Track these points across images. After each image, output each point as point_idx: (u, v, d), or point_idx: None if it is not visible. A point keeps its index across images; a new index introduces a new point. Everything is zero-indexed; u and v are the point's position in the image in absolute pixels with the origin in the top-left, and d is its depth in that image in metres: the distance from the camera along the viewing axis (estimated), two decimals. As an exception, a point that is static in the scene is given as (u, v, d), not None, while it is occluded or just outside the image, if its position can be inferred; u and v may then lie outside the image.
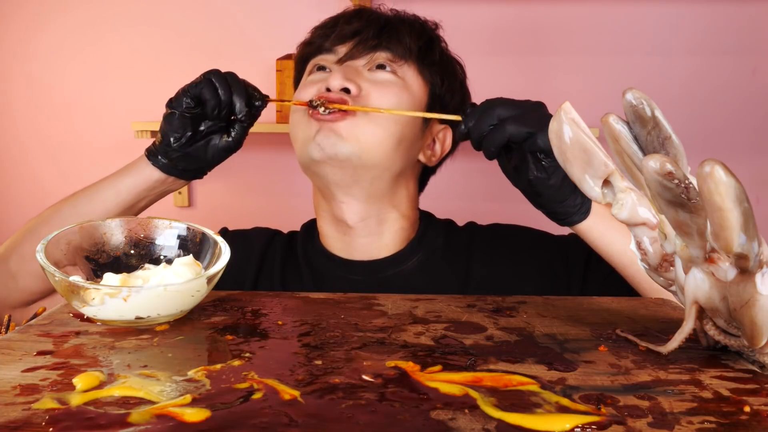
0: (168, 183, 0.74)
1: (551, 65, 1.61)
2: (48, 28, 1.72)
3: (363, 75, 0.77)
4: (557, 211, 0.66)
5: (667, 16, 1.58)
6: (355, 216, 0.78)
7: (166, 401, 0.35)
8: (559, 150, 0.46)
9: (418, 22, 0.83)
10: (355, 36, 0.78)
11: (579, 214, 0.66)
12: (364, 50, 0.78)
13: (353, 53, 0.78)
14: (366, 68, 0.77)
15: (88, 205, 0.74)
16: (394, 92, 0.76)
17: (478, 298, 0.57)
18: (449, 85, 0.82)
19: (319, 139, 0.73)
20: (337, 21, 0.81)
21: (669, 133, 0.43)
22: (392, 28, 0.79)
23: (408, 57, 0.78)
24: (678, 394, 0.36)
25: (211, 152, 0.73)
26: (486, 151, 0.64)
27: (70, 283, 0.49)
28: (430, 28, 0.84)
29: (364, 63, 0.78)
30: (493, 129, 0.62)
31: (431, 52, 0.81)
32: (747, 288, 0.36)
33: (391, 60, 0.78)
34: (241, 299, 0.56)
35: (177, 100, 0.71)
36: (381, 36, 0.78)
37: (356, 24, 0.79)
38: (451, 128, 0.85)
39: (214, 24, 1.69)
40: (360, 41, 0.78)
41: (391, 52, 0.78)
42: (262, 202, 1.72)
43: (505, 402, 0.35)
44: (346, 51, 0.78)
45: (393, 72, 0.78)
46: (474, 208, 1.49)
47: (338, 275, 0.80)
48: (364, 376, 0.38)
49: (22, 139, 1.77)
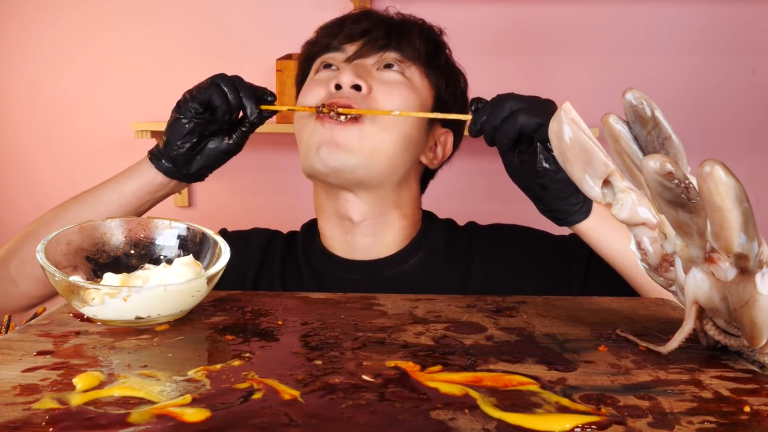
0: (171, 186, 0.74)
1: (551, 65, 1.61)
2: (48, 28, 1.72)
3: (372, 74, 0.77)
4: (558, 209, 0.65)
5: (667, 16, 1.58)
6: (359, 213, 0.78)
7: (166, 401, 0.35)
8: (559, 150, 0.46)
9: (425, 26, 0.83)
10: (364, 35, 0.78)
11: (579, 214, 0.66)
12: (374, 49, 0.78)
13: (362, 52, 0.78)
14: (374, 67, 0.78)
15: (90, 208, 0.73)
16: (402, 92, 0.76)
17: (478, 298, 0.57)
18: (453, 90, 0.83)
19: (323, 155, 0.72)
20: (344, 21, 0.81)
21: (669, 133, 0.43)
22: (401, 29, 0.80)
23: (416, 59, 0.79)
24: (678, 394, 0.36)
25: (213, 155, 0.73)
26: (499, 144, 0.64)
27: (70, 283, 0.49)
28: (436, 33, 0.84)
29: (373, 62, 0.78)
30: (505, 120, 0.62)
31: (437, 57, 0.82)
32: (747, 288, 0.36)
33: (400, 60, 0.78)
34: (241, 299, 0.56)
35: (185, 105, 0.70)
36: (390, 36, 0.78)
37: (365, 24, 0.79)
38: (453, 132, 0.85)
39: (214, 24, 1.69)
40: (369, 40, 0.78)
41: (400, 53, 0.78)
42: (262, 202, 1.72)
43: (505, 402, 0.35)
44: (356, 50, 0.78)
45: (401, 72, 0.78)
46: (474, 208, 1.49)
47: (339, 275, 0.80)
48: (364, 376, 0.38)
49: (21, 139, 1.77)
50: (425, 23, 0.84)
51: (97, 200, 0.74)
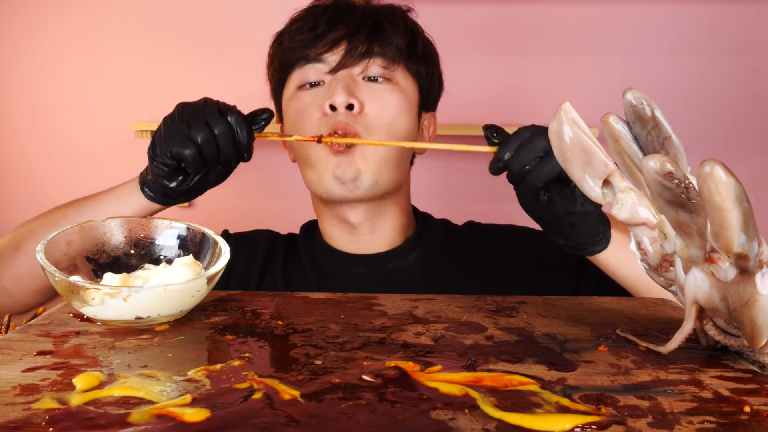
0: (162, 208, 0.71)
1: (551, 65, 1.61)
2: (48, 28, 1.72)
3: (360, 84, 0.76)
4: (581, 242, 0.62)
5: (668, 16, 1.58)
6: (359, 217, 0.80)
7: (166, 401, 0.35)
8: (559, 150, 0.46)
9: (399, 15, 0.81)
10: (342, 41, 0.76)
11: (600, 244, 0.63)
12: (357, 57, 0.76)
13: (345, 62, 0.76)
14: (360, 76, 0.77)
15: None
16: (392, 102, 0.76)
17: (478, 298, 0.58)
18: (431, 72, 0.83)
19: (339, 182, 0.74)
20: (315, 23, 0.77)
21: (669, 133, 0.43)
22: (379, 29, 0.77)
23: (399, 58, 0.78)
24: (678, 394, 0.36)
25: (203, 186, 0.68)
26: (530, 185, 0.57)
27: (70, 283, 0.49)
28: (409, 19, 0.82)
29: (358, 71, 0.76)
30: (540, 161, 0.56)
31: (416, 46, 0.80)
32: (747, 288, 0.36)
33: (385, 66, 0.77)
34: (241, 299, 0.56)
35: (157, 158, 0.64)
36: (371, 39, 0.76)
37: (341, 28, 0.76)
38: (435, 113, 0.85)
39: (214, 24, 1.69)
40: (351, 49, 0.76)
41: (384, 58, 0.77)
42: (262, 202, 1.72)
43: (505, 402, 0.35)
44: (339, 60, 0.76)
45: (387, 79, 0.77)
46: (469, 208, 1.48)
47: (341, 269, 0.82)
48: (364, 376, 0.38)
49: (21, 139, 1.77)
50: (397, 10, 0.81)
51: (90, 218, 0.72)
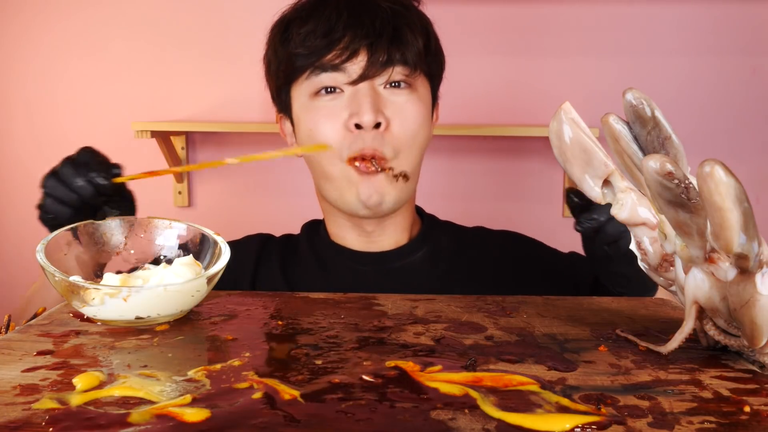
0: None
1: (551, 65, 1.61)
2: (48, 28, 1.72)
3: (383, 97, 0.73)
4: None
5: (667, 16, 1.58)
6: (374, 225, 0.80)
7: (166, 401, 0.35)
8: (559, 150, 0.46)
9: (415, 15, 0.78)
10: (362, 49, 0.72)
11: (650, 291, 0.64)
12: (380, 67, 0.72)
13: (368, 73, 0.72)
14: (382, 86, 0.74)
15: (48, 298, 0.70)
16: (414, 115, 0.74)
17: (478, 298, 0.58)
18: (441, 70, 0.82)
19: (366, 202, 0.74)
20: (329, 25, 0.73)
21: (669, 133, 0.43)
22: (400, 33, 0.74)
23: (420, 64, 0.75)
24: (678, 394, 0.36)
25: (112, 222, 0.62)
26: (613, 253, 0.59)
27: (70, 283, 0.49)
28: (422, 13, 0.79)
29: (380, 82, 0.73)
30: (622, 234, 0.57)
31: (431, 47, 0.78)
32: (747, 288, 0.36)
33: (407, 75, 0.74)
34: (241, 299, 0.56)
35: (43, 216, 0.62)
36: (392, 45, 0.73)
37: (361, 35, 0.72)
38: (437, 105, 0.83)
39: (214, 25, 1.69)
40: (372, 57, 0.72)
41: (405, 64, 0.74)
42: (262, 202, 1.72)
43: (505, 402, 0.35)
44: (360, 72, 0.72)
45: (409, 85, 0.75)
46: (474, 208, 1.49)
47: (346, 265, 0.81)
48: (364, 376, 0.38)
49: (21, 139, 1.77)
50: (411, 7, 0.78)
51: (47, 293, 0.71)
